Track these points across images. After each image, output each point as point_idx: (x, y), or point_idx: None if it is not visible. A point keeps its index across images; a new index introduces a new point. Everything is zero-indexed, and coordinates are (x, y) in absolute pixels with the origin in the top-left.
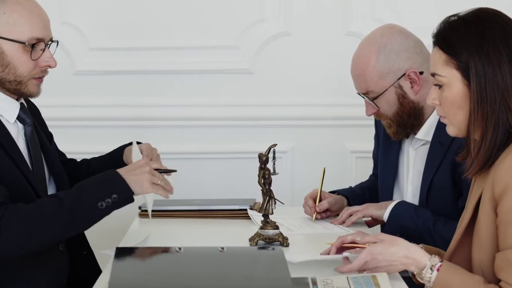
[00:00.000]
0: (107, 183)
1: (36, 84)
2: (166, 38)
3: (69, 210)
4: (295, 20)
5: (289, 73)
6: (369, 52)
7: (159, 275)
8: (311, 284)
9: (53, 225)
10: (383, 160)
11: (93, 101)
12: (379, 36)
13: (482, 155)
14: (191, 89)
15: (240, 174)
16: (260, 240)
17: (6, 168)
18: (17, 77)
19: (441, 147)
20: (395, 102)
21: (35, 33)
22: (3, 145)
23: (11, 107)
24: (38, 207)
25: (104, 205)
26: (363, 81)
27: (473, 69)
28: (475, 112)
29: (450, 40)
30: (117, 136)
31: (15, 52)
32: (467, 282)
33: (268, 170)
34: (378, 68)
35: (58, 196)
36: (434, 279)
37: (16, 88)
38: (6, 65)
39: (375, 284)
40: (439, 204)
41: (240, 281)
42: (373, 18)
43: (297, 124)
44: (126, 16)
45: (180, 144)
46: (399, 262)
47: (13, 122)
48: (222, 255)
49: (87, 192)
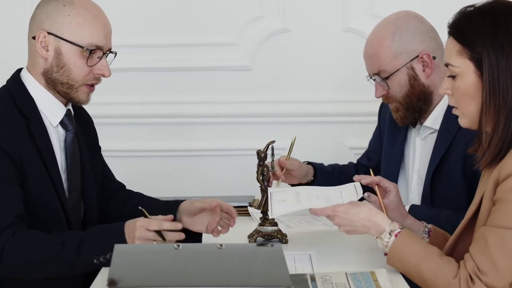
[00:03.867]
0: (109, 238)
1: (87, 92)
2: (165, 36)
3: (64, 259)
4: (295, 17)
5: (288, 69)
6: (385, 32)
7: (157, 272)
8: (310, 280)
9: (49, 267)
10: (387, 150)
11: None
12: (395, 19)
13: (494, 147)
14: (189, 86)
15: (239, 171)
16: (259, 236)
17: (36, 170)
18: (70, 80)
19: (448, 134)
20: (406, 84)
21: (95, 40)
22: (39, 148)
23: (57, 110)
24: (40, 244)
25: (99, 261)
26: (376, 61)
27: (486, 60)
28: (487, 103)
29: (464, 30)
30: (115, 134)
31: (72, 55)
32: (421, 251)
33: (267, 167)
34: (393, 48)
35: (63, 241)
36: (391, 244)
37: (67, 91)
38: (62, 66)
39: (374, 280)
40: (445, 191)
41: (238, 278)
42: (372, 15)
43: (296, 120)
44: (124, 14)
45: (179, 141)
46: (360, 224)
47: (55, 126)
48: (220, 252)
49: (88, 244)
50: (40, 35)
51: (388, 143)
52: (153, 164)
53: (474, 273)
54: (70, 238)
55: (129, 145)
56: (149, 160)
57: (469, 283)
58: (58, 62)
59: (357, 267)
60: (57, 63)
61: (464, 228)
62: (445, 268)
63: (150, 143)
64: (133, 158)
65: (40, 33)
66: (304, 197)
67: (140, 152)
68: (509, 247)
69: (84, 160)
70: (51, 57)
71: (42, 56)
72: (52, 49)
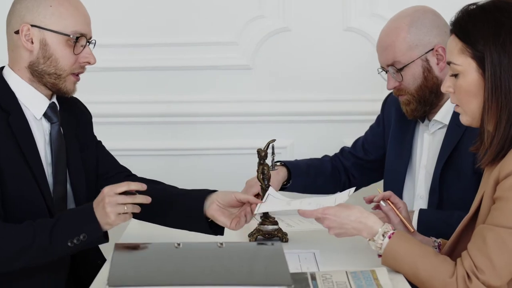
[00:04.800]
0: (79, 220)
1: (74, 81)
2: (165, 35)
3: (38, 248)
4: (294, 16)
5: (288, 69)
6: (401, 24)
7: (158, 271)
8: (310, 279)
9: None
10: (394, 146)
11: (93, 97)
12: (412, 11)
13: (495, 145)
14: (189, 85)
15: (239, 169)
16: (259, 235)
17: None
18: (58, 70)
19: (458, 129)
20: (420, 76)
21: (79, 28)
22: (17, 140)
23: (40, 102)
24: (10, 234)
25: (73, 244)
26: (391, 52)
27: (488, 58)
28: (489, 102)
29: (466, 28)
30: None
31: (58, 45)
32: (416, 252)
33: (267, 165)
34: (408, 40)
35: (34, 229)
36: (385, 246)
37: (55, 82)
38: (48, 57)
39: (374, 279)
40: (455, 186)
41: (239, 276)
42: (372, 14)
43: (296, 119)
44: (124, 13)
45: (179, 140)
46: (351, 226)
47: (39, 119)
48: (221, 251)
49: (59, 228)
50: (23, 28)
51: (395, 139)
52: (153, 163)
53: (471, 271)
54: (42, 226)
55: (129, 144)
56: (149, 159)
57: (466, 281)
58: (44, 53)
59: (357, 265)
60: (43, 54)
61: (464, 228)
62: (441, 267)
63: (150, 142)
64: (133, 157)
65: (23, 26)
66: (295, 202)
67: (140, 151)
68: (507, 246)
69: (72, 152)
70: (36, 49)
71: (27, 49)
72: (37, 41)
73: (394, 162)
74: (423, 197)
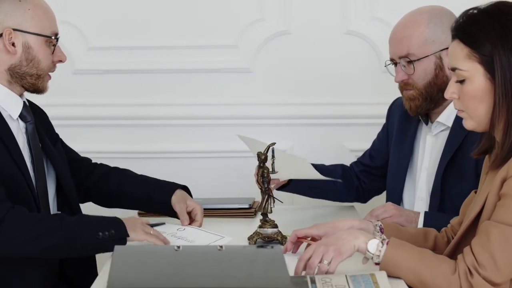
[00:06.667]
0: (107, 220)
1: (48, 80)
2: (165, 38)
3: (66, 231)
4: (295, 19)
5: (288, 72)
6: (420, 19)
7: (157, 274)
8: (310, 282)
9: (50, 237)
10: (396, 149)
11: (92, 100)
12: (431, 9)
13: (506, 148)
14: (190, 88)
15: (239, 173)
16: (259, 238)
17: (4, 164)
18: (39, 70)
19: (461, 131)
20: (431, 72)
21: (54, 28)
22: (3, 140)
23: (15, 102)
24: (39, 216)
25: (101, 236)
26: (406, 44)
27: (497, 62)
28: (499, 106)
29: (472, 33)
30: (115, 135)
31: (41, 47)
32: (415, 255)
33: (267, 168)
34: (426, 35)
35: (61, 215)
36: (383, 253)
37: (34, 82)
38: (31, 59)
39: (374, 283)
40: (457, 188)
41: (238, 280)
42: (372, 17)
43: (296, 123)
44: (124, 16)
45: (180, 143)
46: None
47: (15, 118)
48: (220, 254)
49: (87, 221)
50: (6, 32)
51: (397, 143)
52: (153, 166)
53: (473, 267)
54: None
55: (130, 147)
56: (149, 162)
57: (468, 276)
58: (28, 55)
59: (357, 269)
60: (27, 56)
61: (466, 230)
62: (442, 266)
63: (150, 145)
64: (133, 160)
65: (6, 30)
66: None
67: (140, 154)
68: (510, 244)
69: (49, 147)
70: (19, 52)
71: (9, 53)
72: (19, 44)
73: (396, 165)
74: (424, 199)
